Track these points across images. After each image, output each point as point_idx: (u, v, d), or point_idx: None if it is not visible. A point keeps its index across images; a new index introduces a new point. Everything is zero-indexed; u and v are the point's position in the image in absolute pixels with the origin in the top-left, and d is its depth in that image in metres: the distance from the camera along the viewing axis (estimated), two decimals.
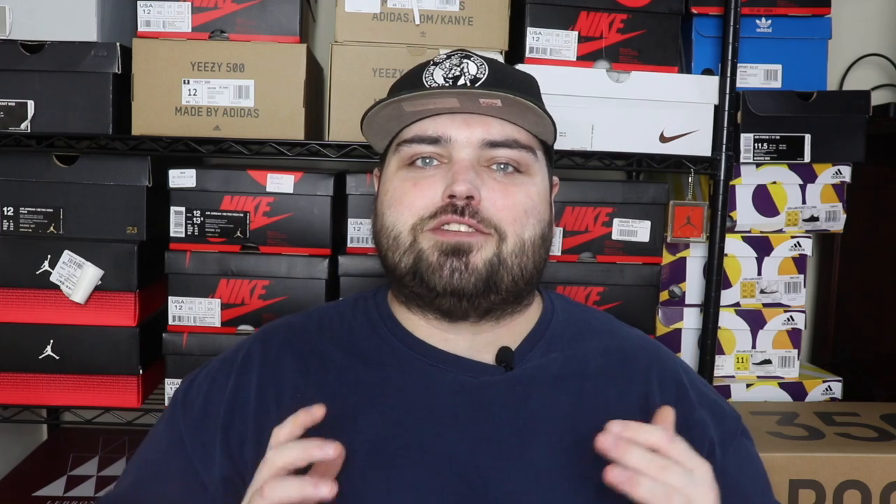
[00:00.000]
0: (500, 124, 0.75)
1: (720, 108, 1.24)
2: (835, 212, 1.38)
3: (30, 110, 1.17)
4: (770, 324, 1.38)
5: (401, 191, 0.75)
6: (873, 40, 1.63)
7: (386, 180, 0.78)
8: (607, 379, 0.78)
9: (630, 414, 0.75)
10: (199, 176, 1.19)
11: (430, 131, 0.74)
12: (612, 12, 1.23)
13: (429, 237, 0.72)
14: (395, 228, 0.74)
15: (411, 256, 0.73)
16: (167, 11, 1.18)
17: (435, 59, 0.78)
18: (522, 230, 0.74)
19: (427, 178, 0.74)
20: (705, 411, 0.79)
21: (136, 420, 1.25)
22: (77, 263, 1.19)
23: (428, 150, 0.74)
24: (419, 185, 0.74)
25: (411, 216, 0.73)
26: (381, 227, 0.76)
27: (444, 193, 0.72)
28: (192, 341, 1.20)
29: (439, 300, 0.73)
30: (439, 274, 0.72)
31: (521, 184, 0.75)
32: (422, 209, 0.73)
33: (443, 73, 0.76)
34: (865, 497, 1.08)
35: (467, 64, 0.76)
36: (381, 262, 0.78)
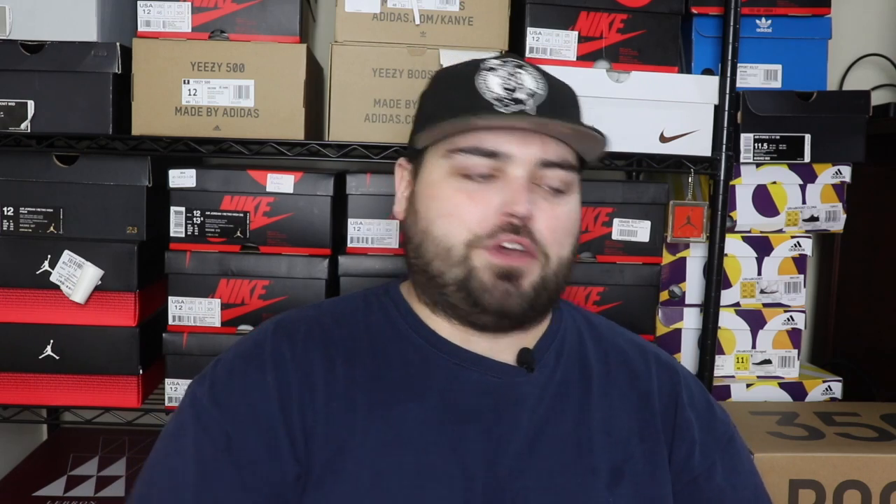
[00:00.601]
0: (555, 144, 0.74)
1: (720, 108, 1.24)
2: (835, 212, 1.38)
3: (30, 110, 1.17)
4: (770, 324, 1.38)
5: (454, 202, 0.73)
6: (873, 40, 1.63)
7: (433, 184, 0.75)
8: (611, 380, 0.80)
9: (632, 413, 0.79)
10: (199, 176, 1.19)
11: (488, 145, 0.72)
12: (612, 12, 1.23)
13: (483, 256, 0.72)
14: (448, 241, 0.72)
15: (462, 271, 0.72)
16: (167, 11, 1.18)
17: (487, 62, 0.76)
18: (562, 250, 0.75)
19: (481, 192, 0.72)
20: (693, 413, 0.82)
21: (136, 420, 1.25)
22: (77, 263, 1.19)
23: (484, 164, 0.72)
24: (474, 199, 0.72)
25: (467, 231, 0.72)
26: (428, 233, 0.74)
27: (500, 210, 0.71)
28: (192, 341, 1.20)
29: (480, 316, 0.74)
30: (490, 294, 0.72)
31: (565, 204, 0.75)
32: (477, 226, 0.72)
33: (499, 81, 0.73)
34: (865, 497, 1.08)
35: (523, 76, 0.74)
36: (418, 265, 0.76)
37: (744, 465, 0.84)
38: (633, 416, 0.79)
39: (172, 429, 0.73)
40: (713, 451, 0.81)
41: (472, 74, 0.75)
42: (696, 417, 0.82)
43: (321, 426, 0.71)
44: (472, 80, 0.74)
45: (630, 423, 0.78)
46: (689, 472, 0.80)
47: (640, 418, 0.79)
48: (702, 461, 0.80)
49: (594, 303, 1.24)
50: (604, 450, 0.75)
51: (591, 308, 1.24)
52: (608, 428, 0.77)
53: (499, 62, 0.75)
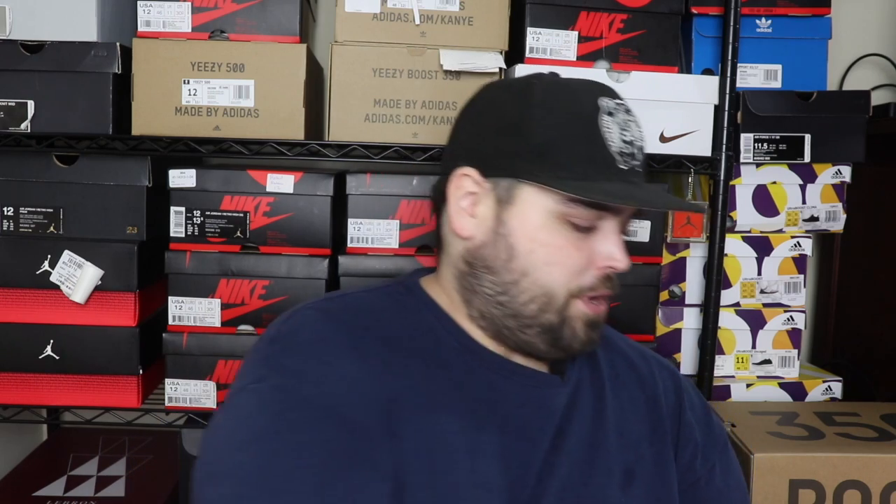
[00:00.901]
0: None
1: (720, 108, 1.24)
2: (835, 212, 1.38)
3: (30, 110, 1.17)
4: (770, 324, 1.38)
5: (565, 253, 0.71)
6: (873, 40, 1.63)
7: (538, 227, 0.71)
8: (619, 383, 0.81)
9: (642, 416, 0.80)
10: (199, 176, 1.19)
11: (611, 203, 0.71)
12: (612, 12, 1.23)
13: (579, 307, 0.72)
14: (553, 289, 0.71)
15: (557, 318, 0.72)
16: (167, 11, 1.18)
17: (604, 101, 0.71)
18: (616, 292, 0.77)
19: (585, 242, 0.72)
20: (694, 416, 0.84)
21: (136, 420, 1.25)
22: (77, 263, 1.19)
23: (594, 217, 0.71)
24: (581, 251, 0.71)
25: (572, 281, 0.71)
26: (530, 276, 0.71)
27: (599, 261, 0.72)
28: (192, 341, 1.20)
29: (550, 355, 0.75)
30: (579, 342, 0.73)
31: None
32: (579, 277, 0.72)
33: (618, 131, 0.71)
34: (865, 497, 1.08)
35: (632, 124, 0.73)
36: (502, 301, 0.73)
37: (735, 467, 0.87)
38: (642, 419, 0.80)
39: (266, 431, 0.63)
40: (713, 454, 0.83)
41: (594, 115, 0.70)
42: (697, 421, 0.84)
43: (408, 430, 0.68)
44: (597, 125, 0.70)
45: (640, 426, 0.79)
46: (691, 474, 0.81)
47: (649, 421, 0.80)
48: (703, 464, 0.82)
49: None
50: (617, 451, 0.76)
51: None
52: (620, 430, 0.78)
53: (613, 103, 0.72)
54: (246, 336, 1.20)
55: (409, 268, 1.19)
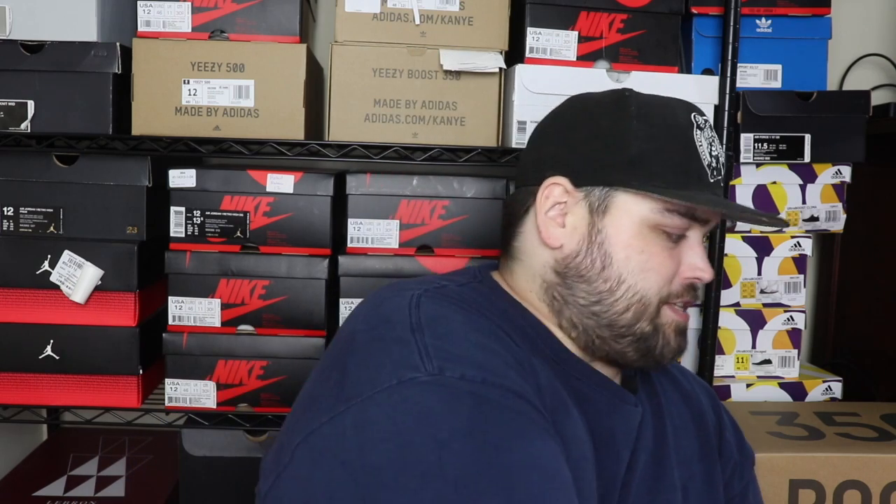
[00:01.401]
0: None
1: (720, 108, 1.24)
2: (835, 212, 1.38)
3: (30, 110, 1.17)
4: (770, 324, 1.38)
5: (660, 259, 0.72)
6: (873, 40, 1.63)
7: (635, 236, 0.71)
8: (669, 399, 0.82)
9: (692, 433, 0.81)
10: (199, 176, 1.19)
11: (701, 213, 0.73)
12: (612, 12, 1.23)
13: (669, 315, 0.73)
14: (648, 296, 0.71)
15: (649, 325, 0.72)
16: (167, 11, 1.18)
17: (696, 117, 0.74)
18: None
19: (675, 249, 0.73)
20: (731, 434, 0.85)
21: (136, 420, 1.25)
22: (77, 263, 1.19)
23: (684, 226, 0.72)
24: (673, 258, 0.73)
25: (664, 288, 0.72)
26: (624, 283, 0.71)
27: (688, 272, 0.73)
28: (192, 341, 1.20)
29: (639, 363, 0.74)
30: (670, 349, 0.73)
31: None
32: (670, 283, 0.72)
33: (707, 144, 0.73)
34: (865, 497, 1.08)
35: (715, 140, 0.75)
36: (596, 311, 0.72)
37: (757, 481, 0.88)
38: (691, 436, 0.80)
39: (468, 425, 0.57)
40: (747, 472, 0.85)
41: (688, 129, 0.72)
42: (732, 438, 0.85)
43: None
44: (692, 138, 0.72)
45: (690, 443, 0.80)
46: (730, 491, 0.83)
47: (697, 438, 0.81)
48: (739, 482, 0.84)
49: None
50: (676, 467, 0.77)
51: None
52: (676, 447, 0.78)
53: (702, 119, 0.74)
54: (246, 336, 1.20)
55: (410, 268, 1.21)
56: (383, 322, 0.65)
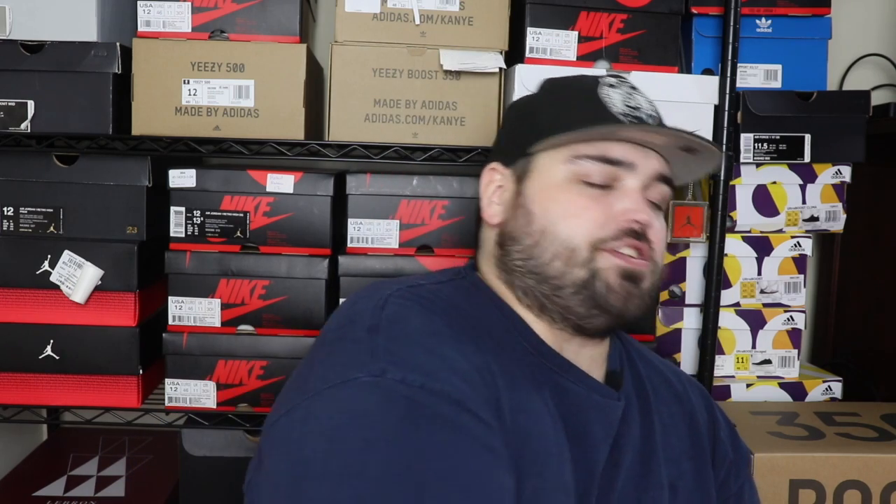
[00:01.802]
0: (665, 162, 0.77)
1: (720, 108, 1.24)
2: (835, 212, 1.38)
3: (30, 110, 1.17)
4: (770, 324, 1.38)
5: (580, 205, 0.73)
6: (873, 40, 1.63)
7: (552, 188, 0.74)
8: (659, 398, 0.82)
9: (682, 432, 0.81)
10: (199, 176, 1.19)
11: (616, 154, 0.74)
12: (612, 12, 1.23)
13: (608, 258, 0.72)
14: (573, 241, 0.72)
15: (585, 273, 0.72)
16: (167, 11, 1.18)
17: (605, 79, 0.77)
18: (661, 264, 0.77)
19: (603, 197, 0.73)
20: (725, 433, 0.86)
21: (136, 420, 1.25)
22: (77, 263, 1.19)
23: (607, 171, 0.73)
24: (600, 204, 0.73)
25: (592, 232, 0.72)
26: (549, 234, 0.73)
27: (621, 216, 0.72)
28: (192, 341, 1.20)
29: (596, 318, 0.73)
30: (616, 295, 0.72)
31: (662, 220, 0.78)
32: (602, 228, 0.72)
33: (621, 98, 0.75)
34: (865, 497, 1.08)
35: (638, 97, 0.77)
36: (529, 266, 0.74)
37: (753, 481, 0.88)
38: (682, 435, 0.81)
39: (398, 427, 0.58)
40: (743, 471, 0.85)
41: (594, 88, 0.76)
42: (726, 438, 0.85)
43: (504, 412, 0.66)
44: (596, 93, 0.76)
45: (680, 442, 0.80)
46: (726, 491, 0.83)
47: (689, 437, 0.81)
48: (735, 481, 0.84)
49: None
50: (664, 465, 0.77)
51: None
52: (664, 445, 0.78)
53: (615, 80, 0.77)
54: (246, 336, 1.20)
55: (410, 268, 1.21)
56: (349, 322, 0.68)
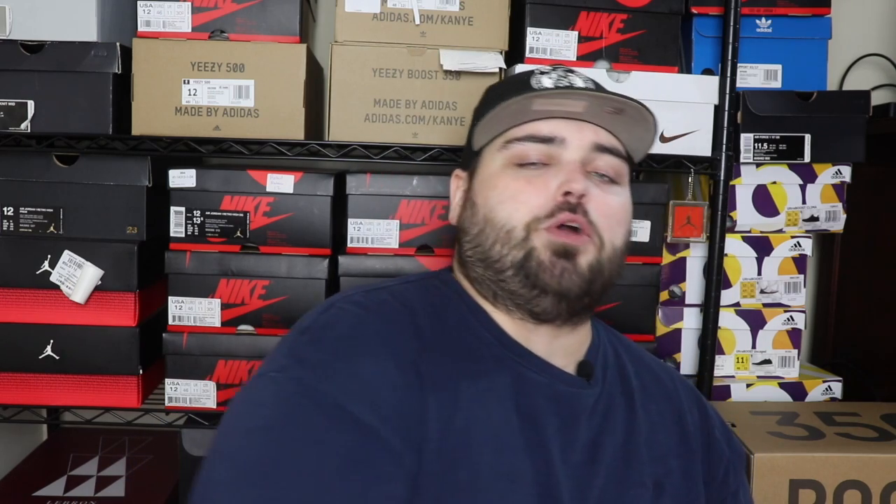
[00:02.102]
0: (606, 133, 0.77)
1: (720, 108, 1.24)
2: (835, 212, 1.38)
3: (30, 110, 1.17)
4: (770, 324, 1.38)
5: (515, 188, 0.75)
6: (873, 40, 1.63)
7: (491, 176, 0.77)
8: (646, 395, 0.82)
9: (670, 430, 0.81)
10: (199, 176, 1.19)
11: (544, 131, 0.75)
12: (612, 12, 1.23)
13: (542, 236, 0.72)
14: (509, 223, 0.74)
15: (521, 252, 0.73)
16: (167, 11, 1.18)
17: (539, 69, 0.80)
18: (615, 239, 0.75)
19: (539, 177, 0.74)
20: (719, 431, 0.85)
21: (136, 420, 1.25)
22: (77, 263, 1.19)
23: (539, 150, 0.75)
24: (533, 183, 0.74)
25: (527, 212, 0.73)
26: (489, 220, 0.75)
27: (557, 191, 0.73)
28: (192, 341, 1.20)
29: (539, 299, 0.73)
30: (549, 272, 0.72)
31: (617, 193, 0.77)
32: (537, 207, 0.73)
33: (551, 81, 0.77)
34: (865, 497, 1.08)
35: (573, 77, 0.78)
36: (477, 255, 0.76)
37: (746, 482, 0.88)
38: (670, 433, 0.80)
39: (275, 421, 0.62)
40: (740, 469, 0.85)
41: (527, 78, 0.79)
42: (722, 436, 0.85)
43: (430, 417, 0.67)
44: (528, 81, 0.78)
45: (668, 440, 0.80)
46: (725, 489, 0.83)
47: (677, 435, 0.81)
48: (735, 479, 0.84)
49: None
50: (648, 464, 0.76)
51: None
52: (650, 443, 0.78)
53: (550, 68, 0.80)
54: (246, 336, 1.20)
55: (410, 268, 1.21)
56: (297, 322, 0.73)
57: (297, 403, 0.63)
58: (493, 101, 0.78)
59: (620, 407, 0.78)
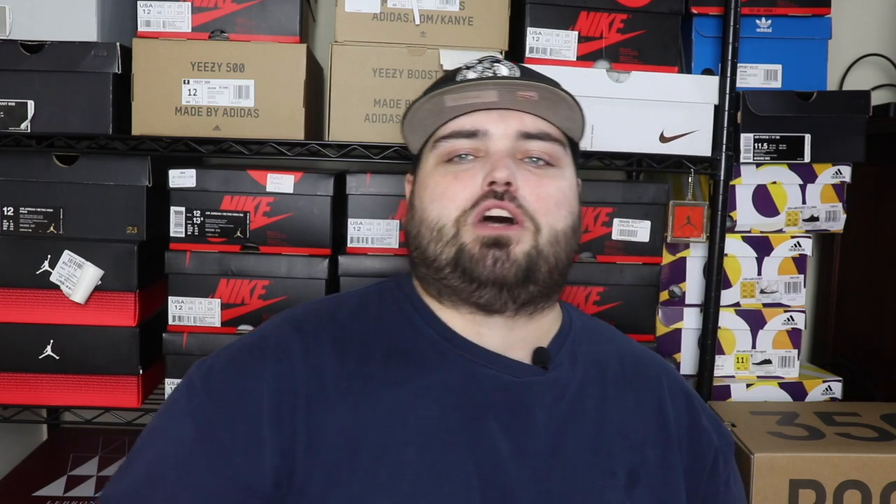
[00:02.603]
0: (533, 119, 0.77)
1: (720, 108, 1.24)
2: (835, 212, 1.38)
3: (30, 110, 1.17)
4: (770, 324, 1.38)
5: (443, 185, 0.76)
6: (873, 40, 1.63)
7: (425, 176, 0.79)
8: (624, 384, 0.81)
9: (648, 419, 0.79)
10: (199, 176, 1.19)
11: (467, 126, 0.76)
12: (612, 12, 1.23)
13: (471, 231, 0.73)
14: (440, 220, 0.75)
15: (453, 248, 0.74)
16: (167, 11, 1.18)
17: (467, 63, 0.80)
18: (556, 221, 0.75)
19: (466, 171, 0.75)
20: (707, 420, 0.84)
21: (136, 420, 1.25)
22: (77, 263, 1.19)
23: (466, 145, 0.76)
24: (460, 178, 0.75)
25: (455, 208, 0.74)
26: (423, 220, 0.77)
27: (483, 182, 0.73)
28: (192, 341, 1.20)
29: (479, 291, 0.74)
30: (482, 264, 0.73)
31: (553, 176, 0.77)
32: (464, 201, 0.74)
33: (476, 74, 0.77)
34: (865, 497, 1.08)
35: (498, 66, 0.78)
36: (418, 256, 0.78)
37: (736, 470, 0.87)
38: (648, 421, 0.79)
39: (166, 406, 0.75)
40: (729, 457, 0.85)
41: (454, 74, 0.80)
42: (709, 423, 0.84)
43: (332, 420, 0.70)
44: (454, 77, 0.79)
45: (645, 428, 0.79)
46: (716, 478, 0.82)
47: (655, 423, 0.80)
48: (725, 465, 0.83)
49: (594, 303, 1.24)
50: (621, 453, 0.76)
51: (591, 308, 1.24)
52: (625, 431, 0.77)
53: (476, 61, 0.80)
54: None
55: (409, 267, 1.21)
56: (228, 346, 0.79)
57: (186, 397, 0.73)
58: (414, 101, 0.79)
59: (592, 394, 0.78)
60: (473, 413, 0.72)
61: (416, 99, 0.78)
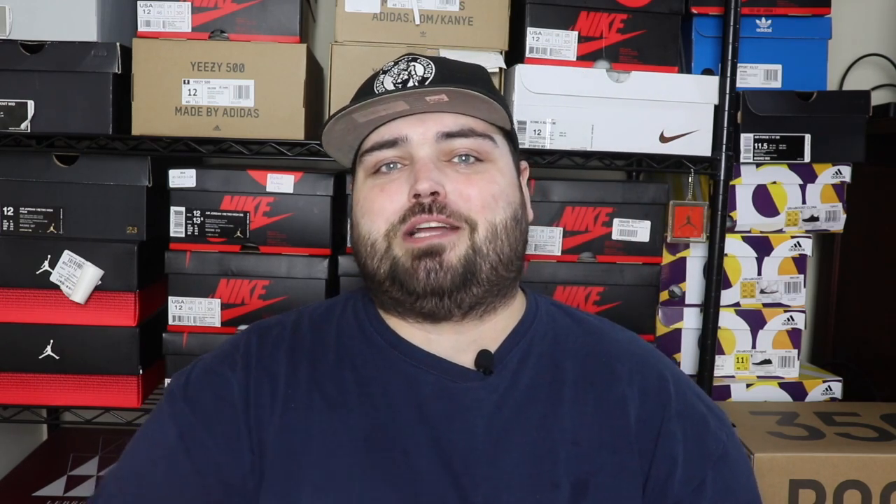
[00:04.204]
0: (454, 117, 0.75)
1: (720, 108, 1.24)
2: (835, 212, 1.38)
3: (30, 110, 1.17)
4: (770, 324, 1.38)
5: (370, 199, 0.75)
6: (873, 40, 1.63)
7: (357, 191, 0.79)
8: (586, 385, 0.77)
9: (606, 422, 0.75)
10: (199, 176, 1.19)
11: (386, 135, 0.75)
12: (612, 12, 1.23)
13: (401, 245, 0.73)
14: (371, 236, 0.75)
15: (387, 263, 0.74)
16: (167, 11, 1.18)
17: (384, 67, 0.79)
18: (493, 215, 0.74)
19: (392, 181, 0.75)
20: (681, 425, 0.76)
21: (136, 420, 1.25)
22: (77, 263, 1.19)
23: (389, 155, 0.75)
24: (386, 190, 0.74)
25: (384, 222, 0.74)
26: (357, 236, 0.77)
27: (409, 194, 0.72)
28: (192, 341, 1.20)
29: (420, 302, 0.73)
30: (416, 277, 0.72)
31: (485, 171, 0.75)
32: (392, 214, 0.73)
33: (392, 79, 0.76)
34: (865, 497, 1.08)
35: (414, 66, 0.76)
36: (361, 271, 0.79)
37: (739, 483, 0.76)
38: (605, 426, 0.74)
39: (151, 417, 0.78)
40: (701, 469, 0.74)
41: (373, 81, 0.79)
42: (683, 430, 0.75)
43: (278, 425, 0.73)
44: (371, 84, 0.78)
45: (602, 433, 0.74)
46: (671, 493, 0.73)
47: (613, 427, 0.74)
48: (685, 483, 0.73)
49: (594, 303, 1.24)
50: (569, 461, 0.72)
51: (591, 308, 1.24)
52: (577, 438, 0.73)
53: (393, 63, 0.79)
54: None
55: None
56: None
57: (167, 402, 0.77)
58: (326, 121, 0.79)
59: (541, 399, 0.74)
60: (413, 420, 0.72)
61: (328, 118, 0.77)
